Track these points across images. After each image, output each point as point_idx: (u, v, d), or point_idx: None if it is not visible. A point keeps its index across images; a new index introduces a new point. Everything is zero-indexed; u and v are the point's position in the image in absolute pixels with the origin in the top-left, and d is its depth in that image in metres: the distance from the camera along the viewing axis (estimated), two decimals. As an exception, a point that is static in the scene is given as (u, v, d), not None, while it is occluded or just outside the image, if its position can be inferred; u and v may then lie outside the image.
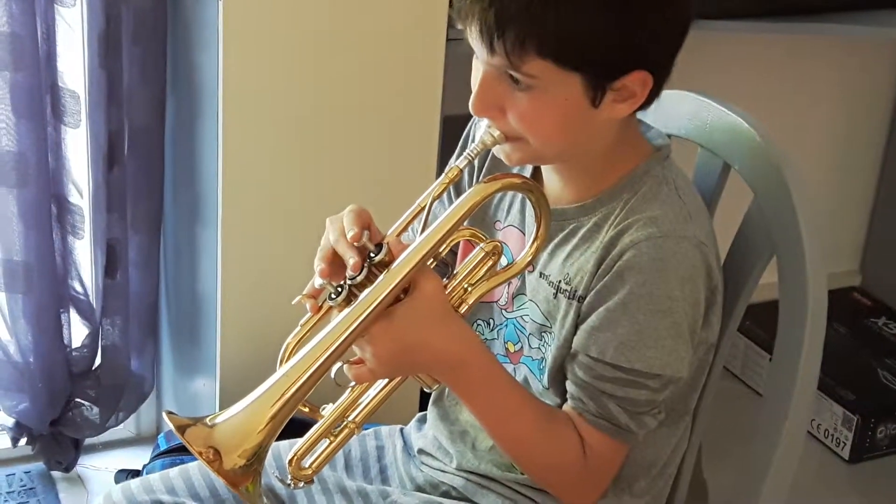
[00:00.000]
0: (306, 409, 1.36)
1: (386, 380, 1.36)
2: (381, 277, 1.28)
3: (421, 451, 1.58)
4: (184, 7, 2.09)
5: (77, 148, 2.13)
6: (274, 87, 2.00)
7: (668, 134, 1.45)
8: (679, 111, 1.54)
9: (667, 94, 1.50)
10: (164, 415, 1.28)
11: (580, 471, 1.38)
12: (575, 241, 1.38)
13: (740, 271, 1.47)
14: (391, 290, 1.28)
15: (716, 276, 1.36)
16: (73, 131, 2.10)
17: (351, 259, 1.29)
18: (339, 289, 1.29)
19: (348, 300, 1.29)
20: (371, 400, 1.36)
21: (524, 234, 1.44)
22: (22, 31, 1.97)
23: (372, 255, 1.29)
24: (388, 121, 2.09)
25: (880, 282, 3.18)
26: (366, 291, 1.28)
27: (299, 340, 1.35)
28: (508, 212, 1.47)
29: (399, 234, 1.34)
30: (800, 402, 1.40)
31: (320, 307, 1.34)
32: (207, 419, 1.27)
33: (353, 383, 1.36)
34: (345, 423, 1.36)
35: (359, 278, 1.28)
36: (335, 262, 1.32)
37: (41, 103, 2.04)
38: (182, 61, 2.13)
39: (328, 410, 1.37)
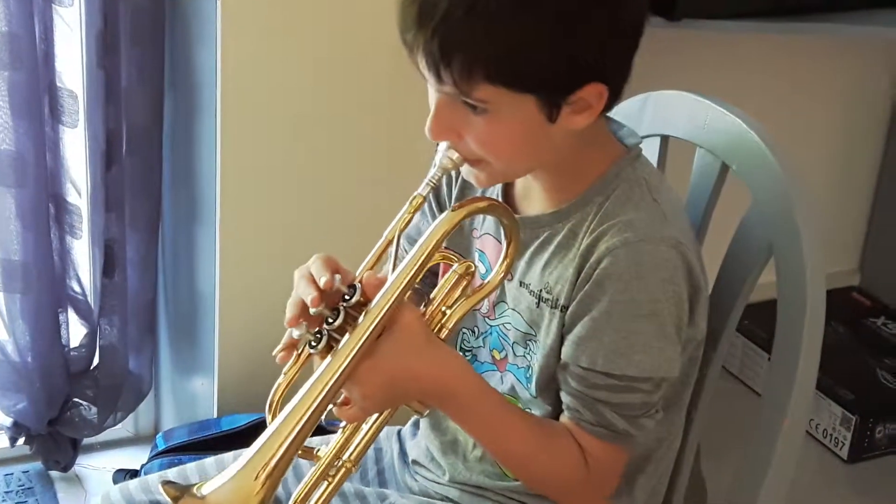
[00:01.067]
0: (300, 453, 1.32)
1: (376, 415, 1.35)
2: (360, 319, 1.26)
3: (415, 462, 1.58)
4: (182, 6, 2.09)
5: (75, 148, 2.13)
6: (272, 86, 2.00)
7: (666, 135, 1.45)
8: (677, 112, 1.54)
9: (665, 95, 1.50)
10: (160, 486, 1.24)
11: (584, 480, 1.38)
12: (552, 248, 1.38)
13: (739, 271, 1.47)
14: (372, 331, 1.26)
15: (697, 273, 1.35)
16: (71, 131, 2.10)
17: (310, 295, 1.26)
18: (318, 335, 1.27)
19: (329, 346, 1.27)
20: (364, 436, 1.35)
21: (500, 242, 1.43)
22: (20, 31, 1.96)
23: (347, 297, 1.27)
24: (386, 120, 2.09)
25: (879, 281, 3.18)
26: (346, 336, 1.26)
27: (284, 389, 1.33)
28: (484, 219, 1.47)
29: (371, 269, 1.32)
30: (798, 402, 1.40)
31: (300, 355, 1.32)
32: (194, 489, 1.23)
33: (343, 424, 1.35)
34: (341, 462, 1.34)
35: (336, 323, 1.26)
36: (307, 313, 1.29)
37: (39, 103, 2.04)
38: (180, 61, 2.13)
39: (323, 452, 1.35)
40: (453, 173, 1.43)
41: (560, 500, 1.44)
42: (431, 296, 1.35)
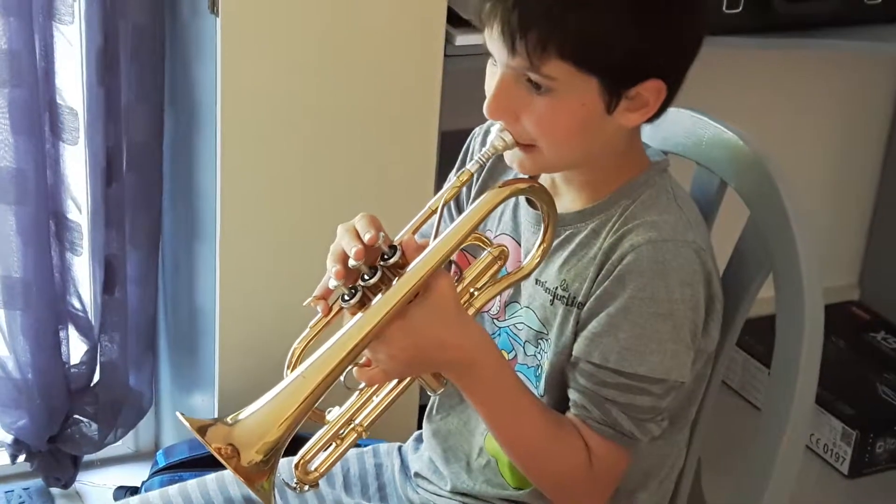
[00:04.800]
0: (312, 415, 1.35)
1: (394, 382, 1.36)
2: (397, 280, 1.28)
3: (417, 475, 1.58)
4: (182, 23, 2.09)
5: (75, 164, 2.13)
6: (272, 102, 2.00)
7: (664, 151, 1.46)
8: (675, 128, 1.54)
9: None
10: (178, 415, 1.27)
11: (585, 478, 1.38)
12: (572, 247, 1.39)
13: (738, 287, 1.47)
14: (407, 293, 1.28)
15: (715, 283, 1.37)
16: (72, 148, 2.10)
17: (354, 248, 1.29)
18: (353, 291, 1.29)
19: (361, 303, 1.29)
20: (378, 403, 1.37)
21: (517, 242, 1.45)
22: (20, 48, 1.97)
23: (386, 256, 1.29)
24: (386, 136, 2.09)
25: (879, 296, 3.18)
26: (381, 294, 1.28)
27: (308, 343, 1.35)
28: (500, 220, 1.48)
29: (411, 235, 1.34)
30: (798, 417, 1.40)
31: (331, 308, 1.34)
32: (228, 418, 1.27)
33: (361, 386, 1.36)
34: (352, 426, 1.36)
35: (372, 280, 1.28)
36: (346, 266, 1.32)
37: (39, 120, 2.04)
38: (180, 77, 2.14)
39: (334, 414, 1.37)
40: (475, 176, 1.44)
41: (559, 498, 1.43)
42: (463, 275, 1.37)
